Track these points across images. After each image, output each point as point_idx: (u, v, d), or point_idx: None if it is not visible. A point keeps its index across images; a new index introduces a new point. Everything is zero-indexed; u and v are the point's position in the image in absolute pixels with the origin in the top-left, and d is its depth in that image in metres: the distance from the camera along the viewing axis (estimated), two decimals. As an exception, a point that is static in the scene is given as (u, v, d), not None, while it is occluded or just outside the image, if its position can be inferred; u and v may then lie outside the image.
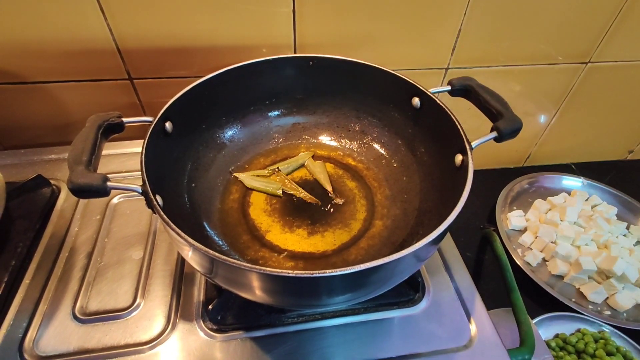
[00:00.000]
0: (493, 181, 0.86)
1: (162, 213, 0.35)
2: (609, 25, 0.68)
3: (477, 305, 0.49)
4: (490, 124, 0.44)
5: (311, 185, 0.57)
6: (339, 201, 0.55)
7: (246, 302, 0.47)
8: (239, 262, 0.32)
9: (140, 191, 0.37)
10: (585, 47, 0.71)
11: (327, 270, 0.32)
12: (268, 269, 0.31)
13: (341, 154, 0.61)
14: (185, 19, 0.57)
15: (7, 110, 0.64)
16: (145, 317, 0.46)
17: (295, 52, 0.63)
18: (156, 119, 0.44)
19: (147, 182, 0.37)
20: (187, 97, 0.48)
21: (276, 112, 0.60)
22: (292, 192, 0.55)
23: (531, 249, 0.74)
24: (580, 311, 0.65)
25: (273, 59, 0.54)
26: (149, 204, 0.37)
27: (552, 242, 0.74)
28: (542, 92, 0.78)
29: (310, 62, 0.55)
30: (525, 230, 0.78)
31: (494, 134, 0.43)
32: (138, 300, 0.48)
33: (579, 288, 0.69)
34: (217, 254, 0.32)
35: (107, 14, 0.55)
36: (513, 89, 0.76)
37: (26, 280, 0.48)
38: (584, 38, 0.69)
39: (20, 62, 0.58)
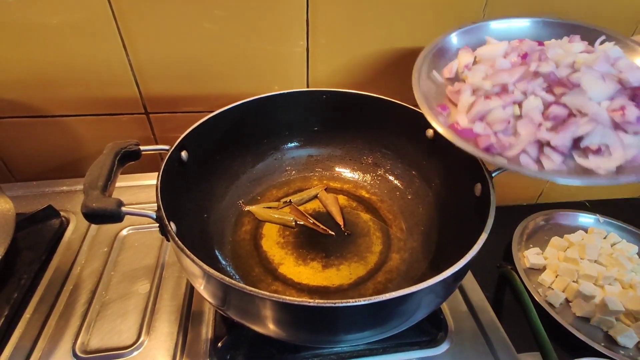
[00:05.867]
0: (506, 218, 0.84)
1: (176, 239, 0.34)
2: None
3: (505, 347, 0.46)
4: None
5: (324, 217, 0.56)
6: (348, 232, 0.53)
7: (257, 340, 0.44)
8: (256, 290, 0.30)
9: (155, 217, 0.36)
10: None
11: (350, 300, 0.30)
12: (288, 297, 0.30)
13: (354, 186, 0.60)
14: (202, 59, 0.59)
15: (22, 143, 0.65)
16: (149, 356, 0.43)
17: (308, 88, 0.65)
18: (173, 147, 0.44)
19: (162, 207, 0.37)
20: (204, 127, 0.49)
21: (290, 145, 0.60)
22: (304, 223, 0.54)
23: (552, 289, 0.71)
24: (611, 356, 0.61)
25: (287, 92, 0.56)
26: (163, 230, 0.36)
27: (574, 282, 0.70)
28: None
29: (324, 96, 0.57)
30: (544, 268, 0.75)
31: (514, 162, 0.43)
32: (142, 338, 0.45)
33: (607, 331, 0.65)
34: (233, 282, 0.31)
35: (129, 51, 0.57)
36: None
37: (27, 315, 0.46)
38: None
39: (42, 95, 0.60)
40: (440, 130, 0.38)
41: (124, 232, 0.57)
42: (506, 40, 0.45)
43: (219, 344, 0.43)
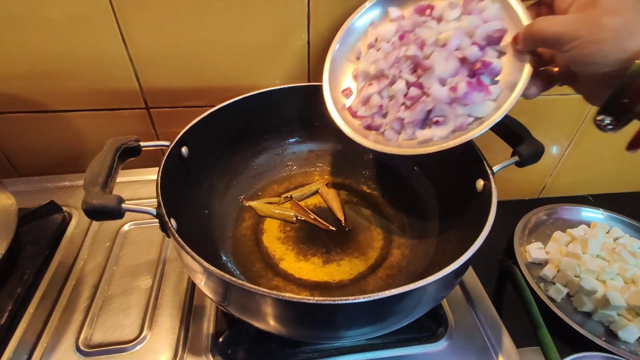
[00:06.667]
0: (508, 213, 0.84)
1: (176, 235, 0.34)
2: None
3: (505, 341, 0.46)
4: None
5: (325, 213, 0.56)
6: (349, 227, 0.54)
7: (258, 336, 0.44)
8: (256, 287, 0.30)
9: (155, 213, 0.36)
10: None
11: (349, 297, 0.30)
12: (287, 294, 0.30)
13: (356, 181, 0.60)
14: (202, 52, 0.59)
15: (24, 138, 0.65)
16: (152, 350, 0.44)
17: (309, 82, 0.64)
18: (173, 143, 0.44)
19: (162, 204, 0.37)
20: (204, 123, 0.49)
21: (291, 140, 0.60)
22: (305, 218, 0.54)
23: (554, 284, 0.71)
24: (613, 351, 0.61)
25: (288, 87, 0.55)
26: (163, 227, 0.36)
27: (575, 277, 0.70)
28: (554, 123, 0.78)
29: (325, 91, 0.56)
30: (546, 263, 0.74)
31: (516, 158, 0.42)
32: (144, 332, 0.45)
33: (609, 326, 0.65)
34: (233, 279, 0.31)
35: (128, 45, 0.56)
36: (522, 120, 0.76)
37: (30, 310, 0.46)
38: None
39: (43, 90, 0.60)
40: (332, 114, 0.49)
41: (126, 227, 0.57)
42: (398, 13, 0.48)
43: (220, 339, 0.44)
